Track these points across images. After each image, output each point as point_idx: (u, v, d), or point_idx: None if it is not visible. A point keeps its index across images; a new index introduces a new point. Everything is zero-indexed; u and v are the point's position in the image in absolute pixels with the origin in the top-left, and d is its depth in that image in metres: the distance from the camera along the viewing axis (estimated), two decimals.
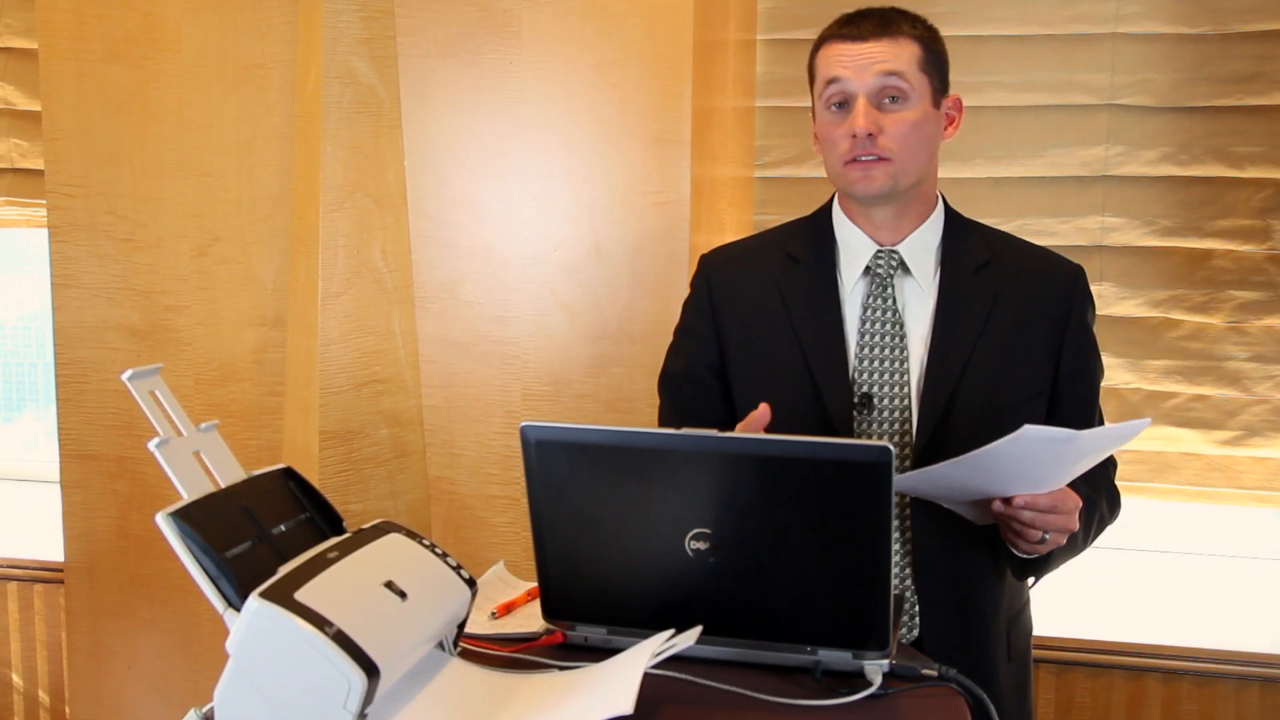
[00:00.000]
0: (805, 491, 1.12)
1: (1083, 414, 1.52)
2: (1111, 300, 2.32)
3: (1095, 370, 1.55)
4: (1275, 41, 2.22)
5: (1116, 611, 2.26)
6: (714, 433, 1.16)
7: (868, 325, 1.48)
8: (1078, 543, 1.45)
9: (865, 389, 1.47)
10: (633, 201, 2.00)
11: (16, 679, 2.61)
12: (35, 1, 2.20)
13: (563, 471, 1.18)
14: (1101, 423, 1.57)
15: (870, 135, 1.41)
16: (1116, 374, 2.34)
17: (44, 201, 2.25)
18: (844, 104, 1.44)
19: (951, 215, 1.55)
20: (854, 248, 1.52)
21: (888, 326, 1.48)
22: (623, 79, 1.98)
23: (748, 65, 2.35)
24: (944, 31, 1.54)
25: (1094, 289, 2.30)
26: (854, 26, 1.44)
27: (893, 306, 1.48)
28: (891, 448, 1.08)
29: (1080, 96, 2.29)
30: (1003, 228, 2.38)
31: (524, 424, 1.17)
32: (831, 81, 1.44)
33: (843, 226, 1.53)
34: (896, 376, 1.47)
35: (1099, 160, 2.30)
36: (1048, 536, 1.33)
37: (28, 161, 2.68)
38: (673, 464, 1.15)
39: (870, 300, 1.49)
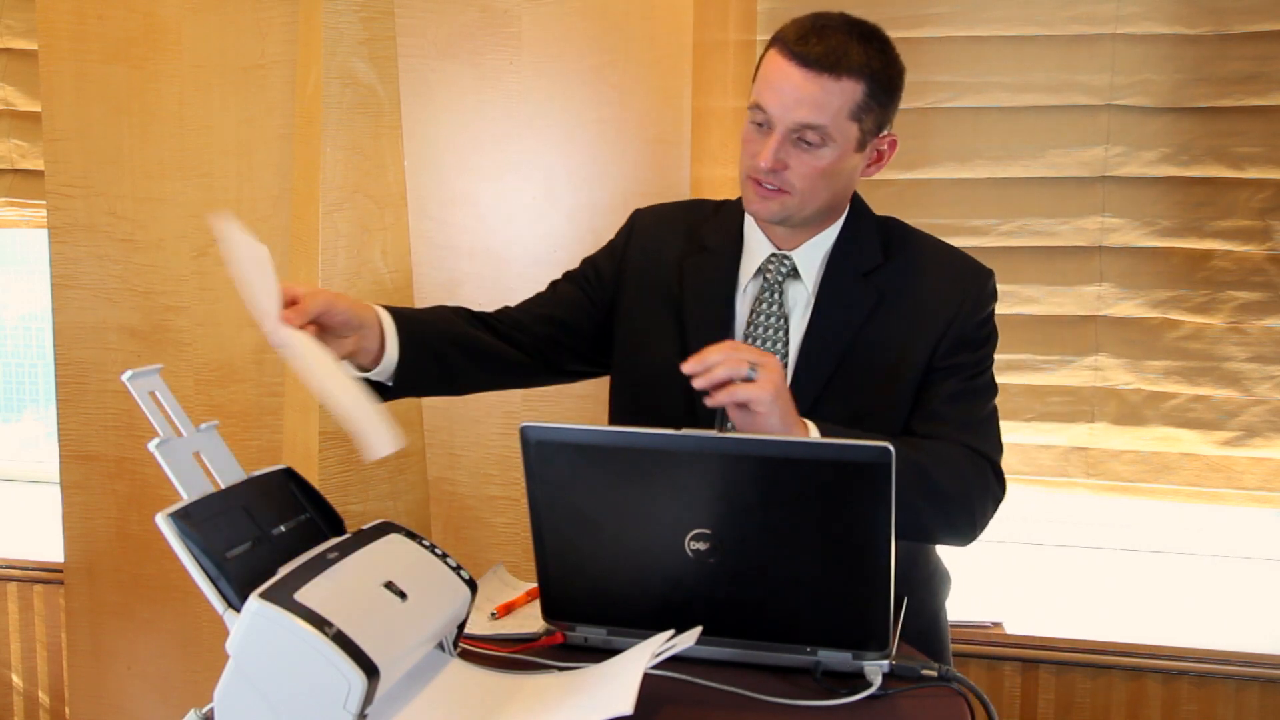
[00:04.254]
0: (805, 491, 1.12)
1: (938, 420, 1.43)
2: (1111, 300, 2.32)
3: (969, 375, 1.46)
4: (1275, 41, 2.22)
5: (1116, 611, 2.26)
6: (714, 433, 1.16)
7: (753, 328, 1.48)
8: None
9: None
10: (633, 202, 1.99)
11: (16, 679, 2.61)
12: (35, 2, 2.20)
13: (563, 472, 1.18)
14: (973, 433, 1.43)
15: (774, 170, 1.40)
16: (1117, 374, 2.34)
17: (44, 202, 2.25)
18: (764, 125, 1.41)
19: (855, 217, 1.51)
20: (753, 246, 1.51)
21: (771, 331, 1.47)
22: (623, 79, 1.98)
23: (747, 66, 2.35)
24: (944, 32, 1.53)
25: (1094, 289, 2.33)
26: (804, 47, 1.37)
27: (779, 312, 1.47)
28: (891, 448, 1.08)
29: (1080, 97, 2.29)
30: (1002, 228, 2.38)
31: (524, 424, 1.17)
32: (757, 105, 1.41)
33: (750, 224, 1.53)
34: None
35: (1099, 161, 2.30)
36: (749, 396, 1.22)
37: (28, 162, 2.68)
38: (673, 464, 1.15)
39: (758, 304, 1.49)
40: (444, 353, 1.46)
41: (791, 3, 2.37)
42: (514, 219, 2.06)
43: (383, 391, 1.40)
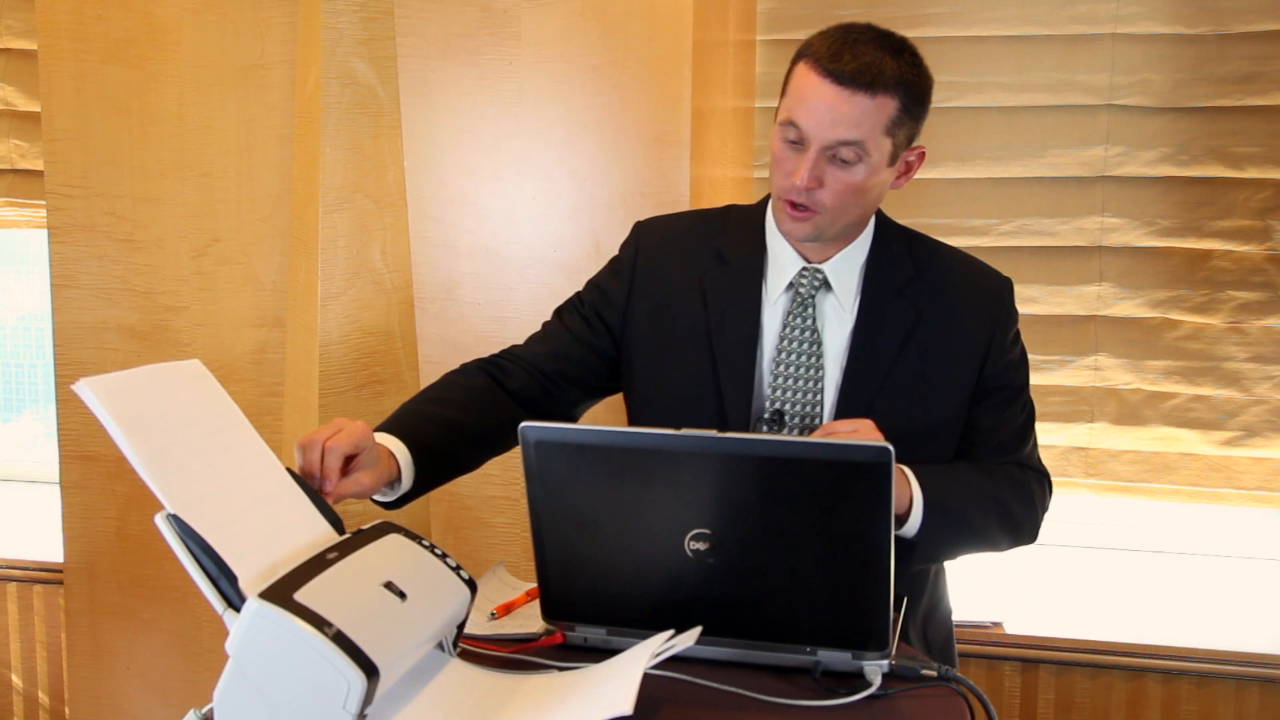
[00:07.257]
0: (805, 491, 1.12)
1: (993, 440, 1.49)
2: (1111, 300, 2.32)
3: (1015, 393, 1.51)
4: (1275, 41, 2.22)
5: (1116, 611, 2.26)
6: (714, 433, 1.16)
7: (785, 343, 1.47)
8: (973, 526, 1.40)
9: (778, 405, 1.46)
10: (632, 202, 2.00)
11: (16, 680, 2.61)
12: (35, 2, 2.20)
13: (562, 472, 1.18)
14: (1022, 445, 1.51)
15: (808, 189, 1.38)
16: (1116, 374, 2.34)
17: (44, 202, 2.24)
18: (798, 142, 1.39)
19: (882, 229, 1.52)
20: (781, 259, 1.50)
21: (805, 345, 1.46)
22: (623, 79, 1.98)
23: (747, 66, 2.35)
24: (944, 31, 1.53)
25: (1094, 289, 2.33)
26: (838, 64, 1.35)
27: (812, 326, 1.47)
28: (890, 448, 1.08)
29: (1080, 97, 2.29)
30: (1002, 228, 2.38)
31: (523, 424, 1.17)
32: (790, 122, 1.38)
33: (773, 236, 1.51)
34: (810, 395, 1.46)
35: (1098, 160, 2.30)
36: None
37: (28, 162, 2.68)
38: (672, 464, 1.15)
39: (790, 318, 1.48)
40: (462, 461, 1.47)
41: (791, 3, 2.37)
42: (514, 219, 2.06)
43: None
